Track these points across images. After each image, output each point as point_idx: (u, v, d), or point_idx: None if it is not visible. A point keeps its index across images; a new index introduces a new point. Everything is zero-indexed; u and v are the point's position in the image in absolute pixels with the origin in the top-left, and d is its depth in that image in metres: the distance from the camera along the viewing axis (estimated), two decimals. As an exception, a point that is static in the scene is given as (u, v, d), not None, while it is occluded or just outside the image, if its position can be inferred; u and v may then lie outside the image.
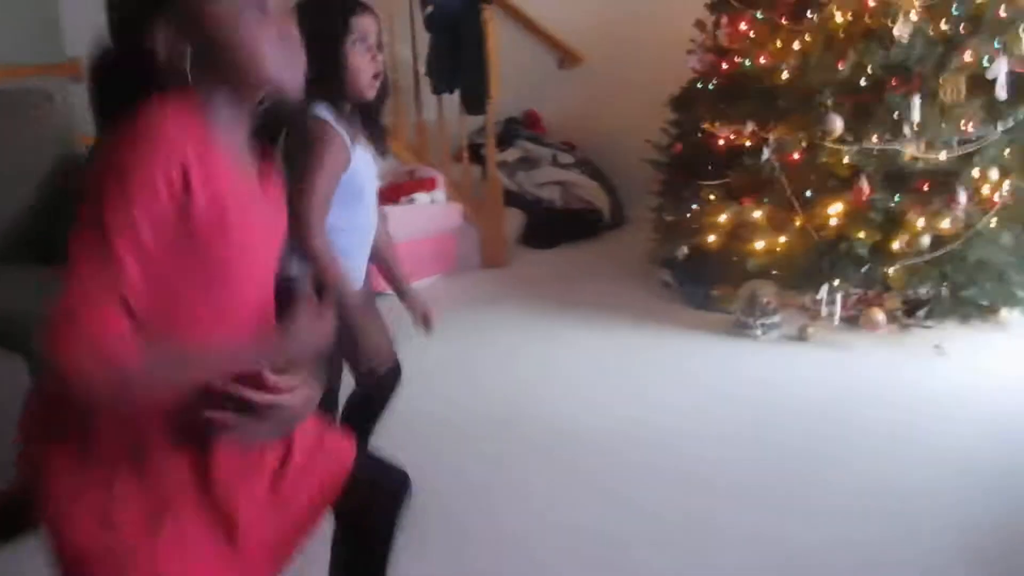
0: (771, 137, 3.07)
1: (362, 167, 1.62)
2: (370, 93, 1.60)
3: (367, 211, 1.69)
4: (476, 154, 4.30)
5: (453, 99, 4.05)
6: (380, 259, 1.81)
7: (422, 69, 4.05)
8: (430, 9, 3.83)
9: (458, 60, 3.83)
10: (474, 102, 3.91)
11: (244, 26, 0.91)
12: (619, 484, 2.14)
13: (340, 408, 1.86)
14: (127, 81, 0.91)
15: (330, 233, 1.57)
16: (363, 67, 1.57)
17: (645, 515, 2.00)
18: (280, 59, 0.95)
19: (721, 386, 2.72)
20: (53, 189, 2.40)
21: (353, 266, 1.68)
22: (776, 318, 3.07)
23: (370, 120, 1.66)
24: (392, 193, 3.74)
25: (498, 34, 3.90)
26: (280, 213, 1.09)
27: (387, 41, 3.99)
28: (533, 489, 2.14)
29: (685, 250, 3.35)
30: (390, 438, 2.16)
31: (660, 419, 2.48)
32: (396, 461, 1.28)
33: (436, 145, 4.18)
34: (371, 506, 1.22)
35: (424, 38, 4.01)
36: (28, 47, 4.02)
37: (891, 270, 2.97)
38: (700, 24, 3.53)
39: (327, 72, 1.50)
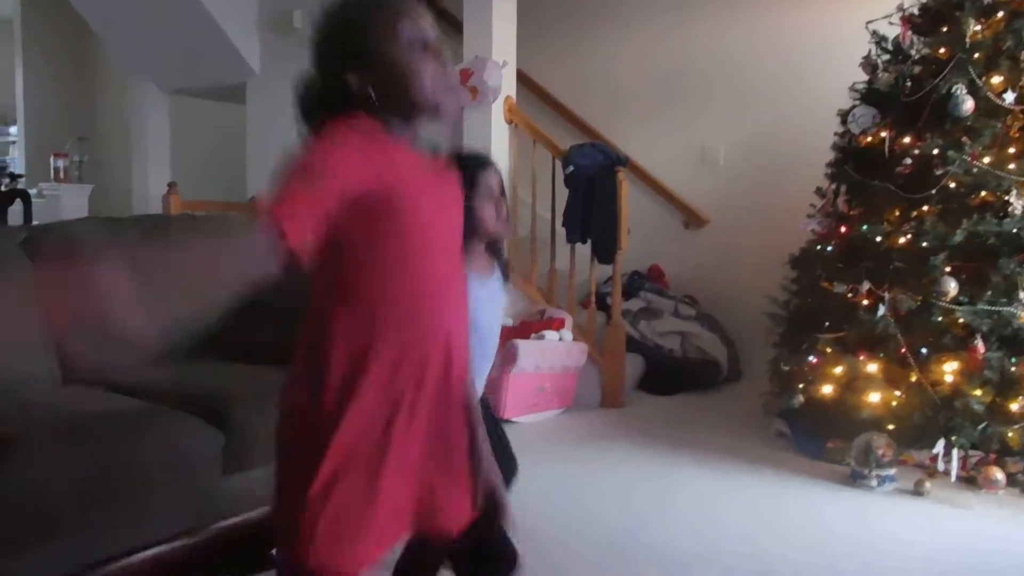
0: (886, 295, 3.22)
1: (472, 292, 1.86)
2: (504, 233, 1.89)
3: (480, 336, 1.82)
4: (602, 302, 4.60)
5: (583, 251, 4.41)
6: None
7: (558, 223, 4.45)
8: (571, 168, 4.27)
9: (592, 214, 4.22)
10: (605, 251, 4.26)
11: (412, 63, 1.23)
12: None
13: None
14: (327, 106, 1.23)
15: None
16: (489, 214, 1.87)
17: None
18: (439, 86, 1.24)
19: (834, 533, 2.74)
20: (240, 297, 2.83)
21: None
22: (891, 471, 3.10)
23: (495, 252, 1.94)
24: (523, 329, 4.06)
25: (629, 193, 4.29)
26: (457, 201, 1.36)
27: (528, 201, 4.44)
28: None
29: (801, 400, 3.46)
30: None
31: (770, 559, 2.53)
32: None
33: (565, 291, 4.51)
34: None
35: (561, 196, 4.44)
36: (219, 189, 4.64)
37: (1010, 432, 2.99)
38: (820, 191, 3.79)
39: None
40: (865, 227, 3.42)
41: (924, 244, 3.23)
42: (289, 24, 5.30)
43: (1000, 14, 3.32)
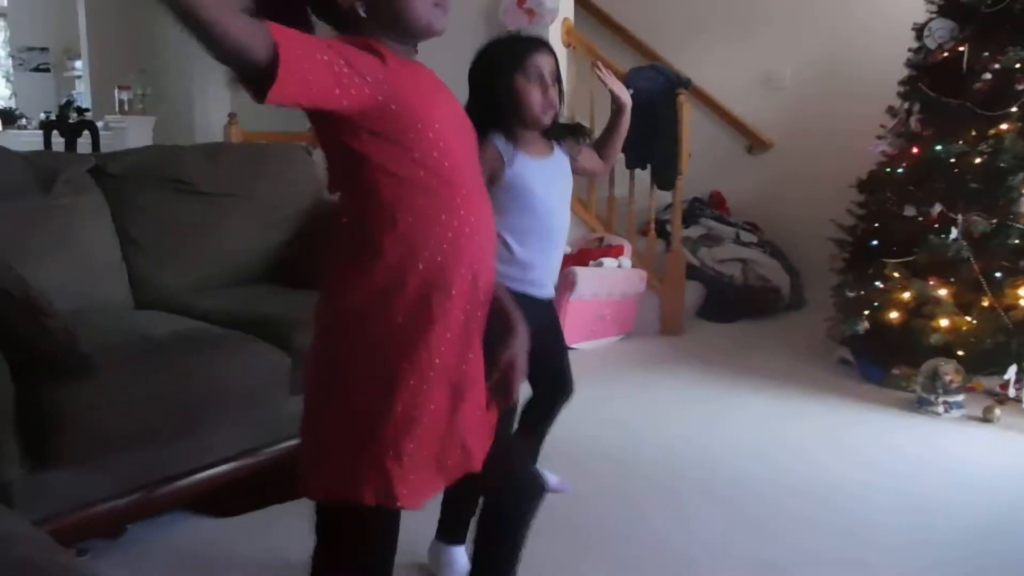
0: (960, 218, 3.11)
1: (525, 172, 1.83)
2: (544, 121, 1.84)
3: (539, 215, 1.88)
4: (661, 229, 4.54)
5: (643, 177, 4.34)
6: None
7: (616, 147, 4.36)
8: (631, 92, 4.15)
9: (652, 139, 4.12)
10: (665, 178, 4.18)
11: None
12: (781, 527, 2.23)
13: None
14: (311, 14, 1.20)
15: (509, 238, 1.82)
16: (534, 98, 1.82)
17: (803, 553, 2.09)
18: (428, 7, 1.21)
19: (899, 457, 2.72)
20: (306, 227, 2.87)
21: (535, 275, 1.90)
22: (959, 397, 3.04)
23: (554, 134, 1.91)
24: (581, 256, 4.03)
25: (691, 117, 4.18)
26: (460, 107, 1.32)
27: (580, 118, 4.36)
28: (697, 521, 2.27)
29: (866, 326, 3.39)
30: (564, 468, 2.40)
31: (835, 480, 2.52)
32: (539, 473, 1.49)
33: (624, 219, 4.46)
34: (507, 491, 1.41)
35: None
36: (279, 119, 4.67)
37: (1087, 357, 2.89)
38: (891, 110, 3.64)
39: (500, 101, 1.80)
40: (939, 147, 3.29)
41: (1001, 164, 3.10)
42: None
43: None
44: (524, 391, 2.02)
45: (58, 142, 5.59)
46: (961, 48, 3.35)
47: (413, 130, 1.17)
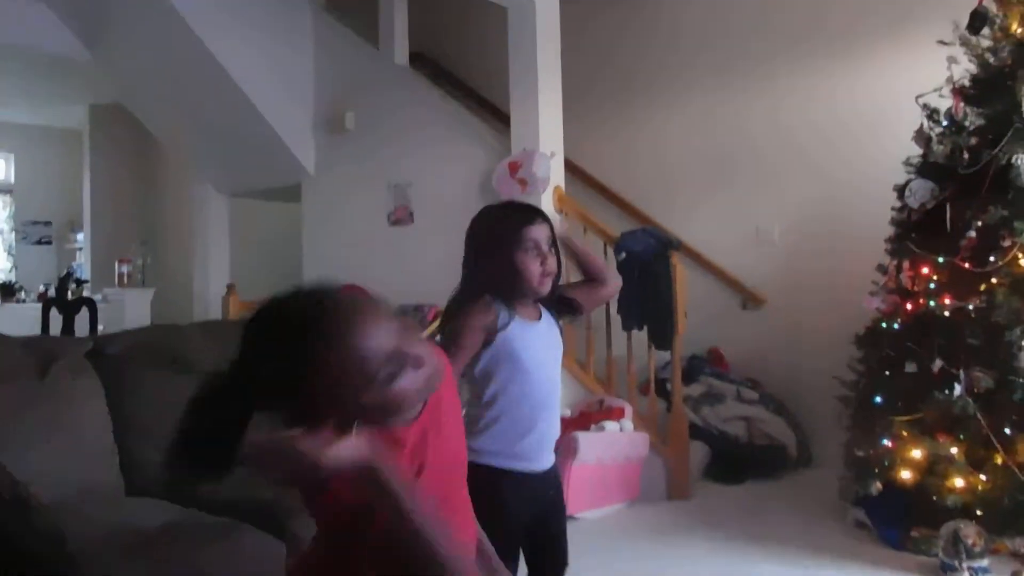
0: (961, 373, 3.09)
1: (518, 335, 1.83)
2: (543, 290, 1.86)
3: (533, 379, 1.86)
4: (662, 388, 4.51)
5: (641, 337, 4.35)
6: None
7: (613, 309, 4.41)
8: (623, 255, 4.25)
9: (647, 300, 4.17)
10: (662, 337, 4.19)
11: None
12: None
13: None
14: None
15: (497, 403, 1.81)
16: (533, 271, 1.84)
17: None
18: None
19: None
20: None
21: (534, 446, 1.86)
22: (984, 561, 2.91)
23: (551, 302, 1.92)
24: (583, 420, 3.98)
25: (684, 276, 4.24)
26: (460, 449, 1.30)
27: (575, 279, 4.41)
28: None
29: (879, 486, 3.29)
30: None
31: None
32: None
33: (624, 379, 4.43)
34: None
35: (615, 281, 4.40)
36: (276, 288, 4.73)
37: (1111, 516, 2.80)
38: (881, 267, 3.70)
39: (501, 273, 1.82)
40: (932, 303, 3.32)
41: (997, 319, 3.11)
42: (341, 125, 5.46)
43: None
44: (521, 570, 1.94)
45: (57, 316, 5.62)
46: (943, 206, 3.44)
47: None
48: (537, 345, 1.88)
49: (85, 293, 6.55)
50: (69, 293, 6.49)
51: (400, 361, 1.06)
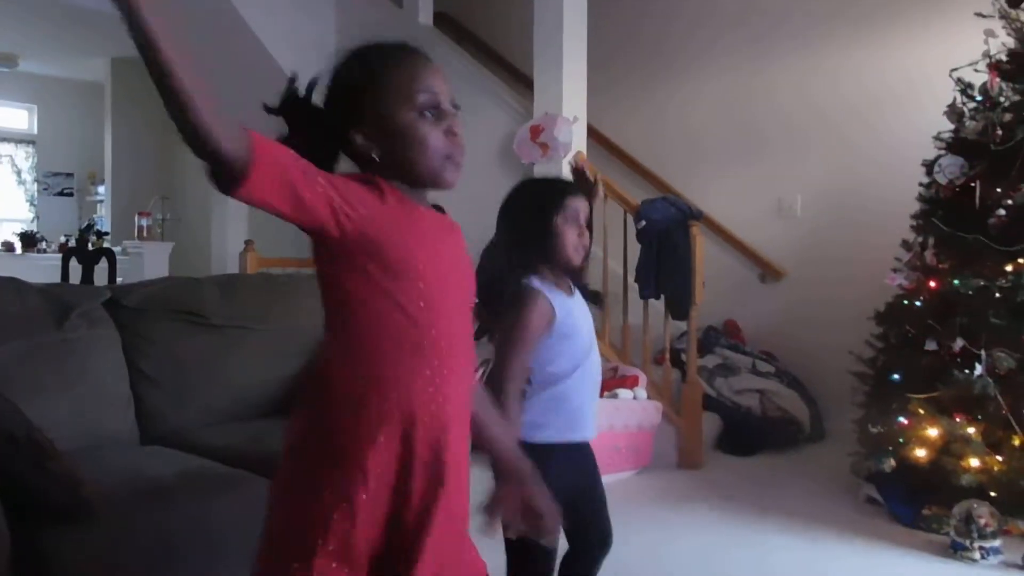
0: (983, 353, 3.05)
1: (568, 312, 1.82)
2: (576, 259, 1.85)
3: (583, 352, 1.86)
4: (677, 358, 4.49)
5: (658, 306, 4.32)
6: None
7: (631, 278, 4.38)
8: (643, 223, 4.21)
9: (665, 269, 4.13)
10: (679, 307, 4.16)
11: (418, 128, 1.19)
12: None
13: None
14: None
15: (556, 380, 1.80)
16: (570, 239, 1.83)
17: None
18: (439, 159, 1.20)
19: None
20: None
21: (586, 417, 1.87)
22: (996, 542, 2.89)
23: (579, 285, 1.92)
24: (596, 387, 3.96)
25: (704, 247, 4.20)
26: (466, 259, 1.29)
27: (600, 255, 4.38)
28: None
29: (892, 463, 3.28)
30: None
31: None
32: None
33: (639, 348, 4.42)
34: None
35: (633, 251, 4.37)
36: (294, 247, 4.73)
37: None
38: (906, 244, 3.64)
39: (538, 238, 1.81)
40: (956, 281, 3.27)
41: (1021, 299, 3.06)
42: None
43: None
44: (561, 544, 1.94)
45: (76, 267, 5.65)
46: (973, 184, 3.38)
47: (400, 275, 1.16)
48: (580, 316, 1.89)
49: (105, 245, 6.57)
50: (89, 244, 6.53)
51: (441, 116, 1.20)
